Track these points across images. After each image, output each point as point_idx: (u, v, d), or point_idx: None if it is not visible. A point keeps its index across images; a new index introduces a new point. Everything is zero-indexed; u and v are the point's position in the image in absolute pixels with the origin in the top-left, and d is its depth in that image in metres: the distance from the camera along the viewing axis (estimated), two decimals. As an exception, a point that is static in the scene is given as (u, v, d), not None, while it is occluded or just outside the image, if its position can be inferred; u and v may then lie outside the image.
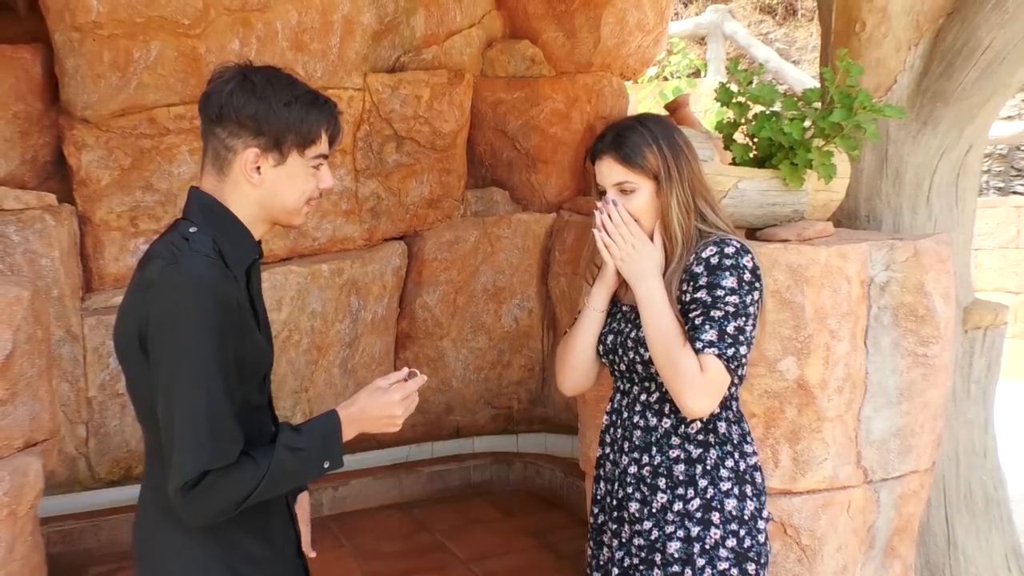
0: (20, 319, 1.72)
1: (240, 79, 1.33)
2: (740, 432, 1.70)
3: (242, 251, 1.36)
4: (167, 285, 1.24)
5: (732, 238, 1.63)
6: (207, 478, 1.23)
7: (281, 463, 1.28)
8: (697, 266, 1.59)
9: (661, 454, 1.65)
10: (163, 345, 1.23)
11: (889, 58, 2.63)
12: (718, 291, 1.56)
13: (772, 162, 2.34)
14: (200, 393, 1.22)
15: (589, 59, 4.26)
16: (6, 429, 1.69)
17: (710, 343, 1.54)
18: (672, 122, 1.77)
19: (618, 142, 1.65)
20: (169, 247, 1.29)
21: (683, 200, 1.63)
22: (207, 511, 1.25)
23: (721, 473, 1.63)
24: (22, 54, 3.28)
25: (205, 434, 1.22)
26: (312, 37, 3.58)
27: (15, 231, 3.22)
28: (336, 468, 1.35)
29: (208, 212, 1.35)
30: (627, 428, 1.71)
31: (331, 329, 3.82)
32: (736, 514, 1.62)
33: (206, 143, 1.37)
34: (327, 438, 1.34)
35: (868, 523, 2.37)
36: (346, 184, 3.85)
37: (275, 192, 1.35)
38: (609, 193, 1.66)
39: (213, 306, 1.24)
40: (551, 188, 4.29)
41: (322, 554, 3.22)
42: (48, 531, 3.14)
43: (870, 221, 2.74)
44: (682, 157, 1.65)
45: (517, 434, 4.22)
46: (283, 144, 1.33)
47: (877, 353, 2.32)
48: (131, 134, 3.39)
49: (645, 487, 1.65)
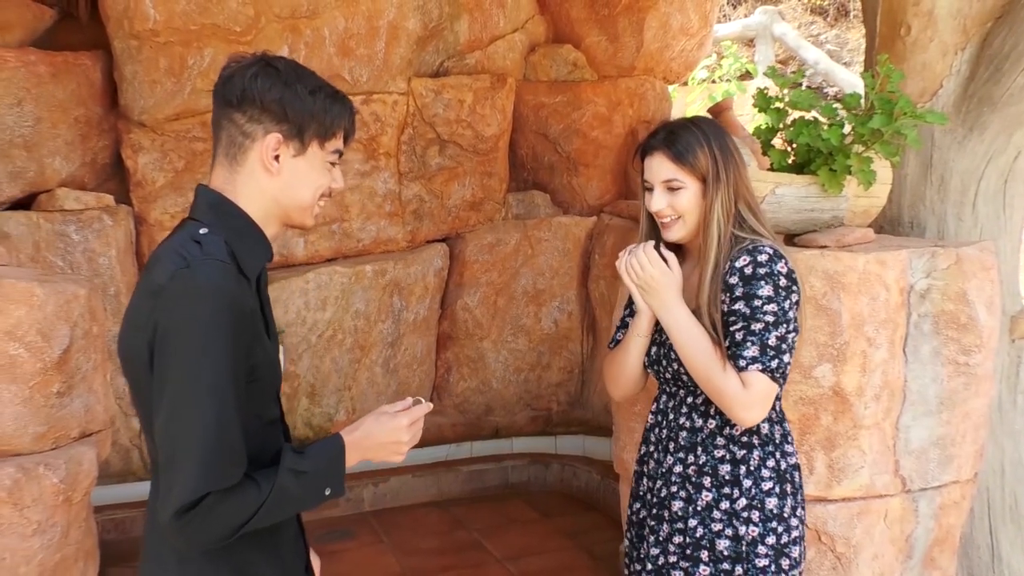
0: (77, 315, 1.81)
1: (263, 64, 1.25)
2: (782, 432, 1.72)
3: (255, 251, 1.27)
4: (179, 292, 1.15)
5: (765, 244, 1.63)
6: (205, 501, 1.12)
7: (284, 487, 1.19)
8: (731, 276, 1.60)
9: (706, 454, 1.67)
10: (173, 355, 1.14)
11: (935, 62, 2.59)
12: (755, 301, 1.56)
13: (811, 168, 2.33)
14: (211, 409, 1.13)
15: (632, 63, 4.27)
16: (63, 420, 1.78)
17: (753, 359, 1.55)
18: (723, 127, 1.78)
19: (671, 139, 1.66)
20: (179, 250, 1.19)
21: (726, 204, 1.64)
22: (202, 537, 1.15)
23: (763, 473, 1.65)
24: (83, 61, 3.42)
25: (211, 453, 1.13)
26: (358, 43, 3.66)
27: (75, 230, 3.36)
28: (337, 495, 1.25)
29: (219, 211, 1.26)
30: (672, 428, 1.73)
31: (374, 329, 3.90)
32: (776, 512, 1.64)
33: (219, 131, 1.27)
34: (331, 462, 1.24)
35: (906, 533, 2.34)
36: (390, 186, 3.93)
37: (291, 184, 1.27)
38: (656, 189, 1.67)
39: (228, 316, 1.15)
40: (592, 191, 4.31)
41: (362, 548, 3.32)
42: (102, 519, 3.26)
43: (914, 228, 2.70)
44: (731, 162, 1.66)
45: (555, 436, 4.24)
46: (305, 133, 1.25)
47: (916, 361, 2.29)
48: (184, 137, 3.51)
49: (690, 485, 1.67)
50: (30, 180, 3.35)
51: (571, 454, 4.13)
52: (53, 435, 1.76)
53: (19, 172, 3.31)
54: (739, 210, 1.66)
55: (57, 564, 1.71)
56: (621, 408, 2.61)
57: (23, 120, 3.27)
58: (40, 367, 1.72)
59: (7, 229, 3.26)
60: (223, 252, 1.20)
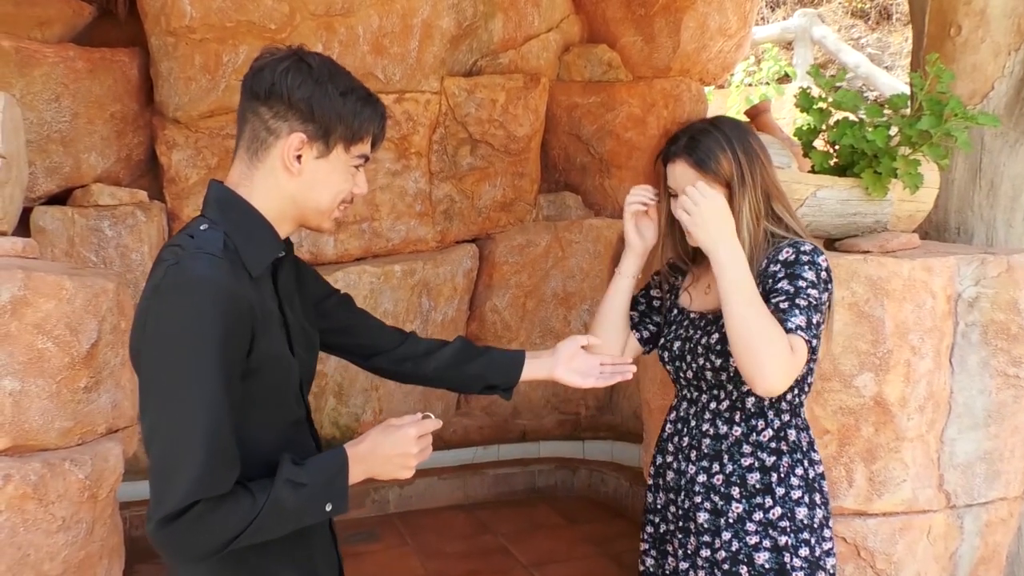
0: (105, 310, 1.80)
1: (296, 59, 1.20)
2: (808, 439, 1.66)
3: (262, 247, 1.21)
4: (167, 288, 1.11)
5: (805, 240, 1.59)
6: (195, 509, 1.05)
7: (279, 500, 1.11)
8: (773, 266, 1.55)
9: (733, 463, 1.61)
10: (158, 353, 1.09)
11: (986, 63, 2.51)
12: (800, 282, 1.51)
13: (854, 170, 2.26)
14: (199, 410, 1.07)
15: (668, 64, 4.21)
16: (89, 415, 1.77)
17: (799, 327, 1.49)
18: (747, 125, 1.72)
19: (692, 145, 1.60)
20: (174, 247, 1.16)
21: (755, 206, 1.59)
22: (188, 549, 1.09)
23: (792, 481, 1.60)
24: (120, 57, 3.45)
25: (200, 457, 1.06)
26: (392, 41, 3.65)
27: (108, 226, 3.38)
28: (339, 512, 1.18)
29: (224, 206, 1.21)
30: (694, 436, 1.67)
31: (402, 329, 3.87)
32: (807, 522, 1.58)
33: (243, 124, 1.23)
34: (332, 476, 1.17)
35: (950, 550, 2.26)
36: (420, 186, 3.90)
37: (311, 186, 1.22)
38: (681, 197, 1.61)
39: (215, 309, 1.09)
40: (624, 193, 4.21)
41: (387, 551, 3.29)
42: (130, 515, 3.27)
43: (960, 234, 2.61)
44: (756, 162, 1.61)
45: (583, 441, 4.18)
46: (331, 135, 1.20)
47: (963, 372, 2.21)
48: (218, 134, 3.52)
49: (717, 496, 1.61)
50: (66, 175, 3.38)
51: (599, 460, 4.07)
52: (79, 431, 1.76)
53: (55, 167, 3.34)
54: (773, 208, 1.61)
55: (82, 561, 1.70)
56: (653, 414, 2.55)
57: (60, 115, 3.30)
58: (68, 361, 1.72)
59: (42, 224, 3.29)
60: (217, 246, 1.16)
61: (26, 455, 1.68)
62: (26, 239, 1.89)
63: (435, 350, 1.56)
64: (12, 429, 1.65)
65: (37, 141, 3.26)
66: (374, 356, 1.53)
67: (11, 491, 1.61)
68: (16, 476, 1.62)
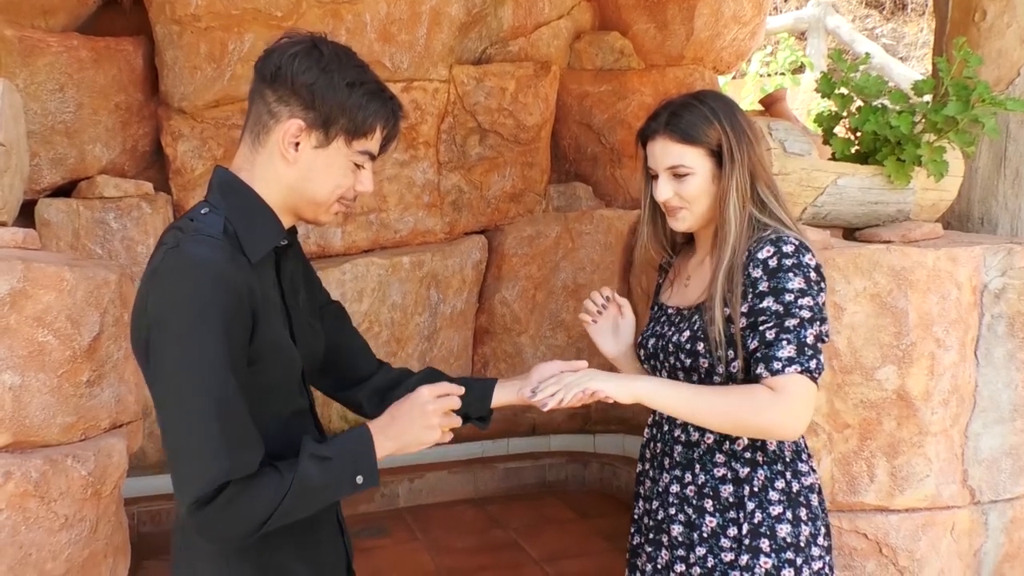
0: (107, 302, 1.76)
1: (309, 45, 1.18)
2: (794, 448, 1.51)
3: (262, 233, 1.18)
4: (165, 271, 1.10)
5: (789, 234, 1.44)
6: (224, 492, 1.06)
7: (307, 476, 1.11)
8: (754, 269, 1.41)
9: (705, 472, 1.50)
10: (161, 338, 1.08)
11: (1012, 49, 2.43)
12: (786, 296, 1.38)
13: (876, 158, 2.19)
14: (208, 393, 1.06)
15: (681, 52, 4.14)
16: (92, 410, 1.73)
17: (790, 360, 1.36)
18: (733, 100, 1.58)
19: (674, 120, 1.47)
20: (174, 231, 1.15)
21: (742, 186, 1.46)
22: (225, 532, 1.09)
23: (771, 495, 1.46)
24: (125, 46, 3.40)
25: (218, 440, 1.05)
26: (400, 28, 3.59)
27: (114, 218, 3.34)
28: (370, 485, 1.17)
29: (226, 191, 1.19)
30: (667, 443, 1.56)
31: (410, 322, 3.83)
32: (791, 541, 1.45)
33: (251, 105, 1.21)
34: (357, 449, 1.17)
35: (974, 547, 2.20)
36: (428, 177, 3.85)
37: (308, 177, 1.19)
38: (661, 177, 1.50)
39: (214, 292, 1.07)
40: (636, 184, 4.17)
41: (397, 546, 3.25)
42: (138, 510, 3.25)
43: (984, 224, 2.55)
44: (744, 138, 1.47)
45: (594, 434, 4.14)
46: (331, 126, 1.17)
47: (989, 365, 2.15)
48: (224, 125, 3.47)
49: (690, 508, 1.50)
50: (70, 167, 3.34)
51: (610, 453, 4.02)
52: (82, 426, 1.71)
53: (60, 159, 3.30)
54: (758, 191, 1.48)
55: (86, 560, 1.66)
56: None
57: (64, 106, 3.26)
58: (69, 355, 1.67)
59: (47, 216, 3.26)
60: (216, 229, 1.14)
61: (27, 451, 1.63)
62: (27, 230, 1.84)
63: (405, 378, 1.48)
64: (12, 425, 1.61)
65: (41, 132, 3.22)
66: (350, 388, 1.47)
67: (12, 489, 1.56)
68: (17, 473, 1.57)
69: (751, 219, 1.48)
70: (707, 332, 1.46)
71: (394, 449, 1.20)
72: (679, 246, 1.71)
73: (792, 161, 2.16)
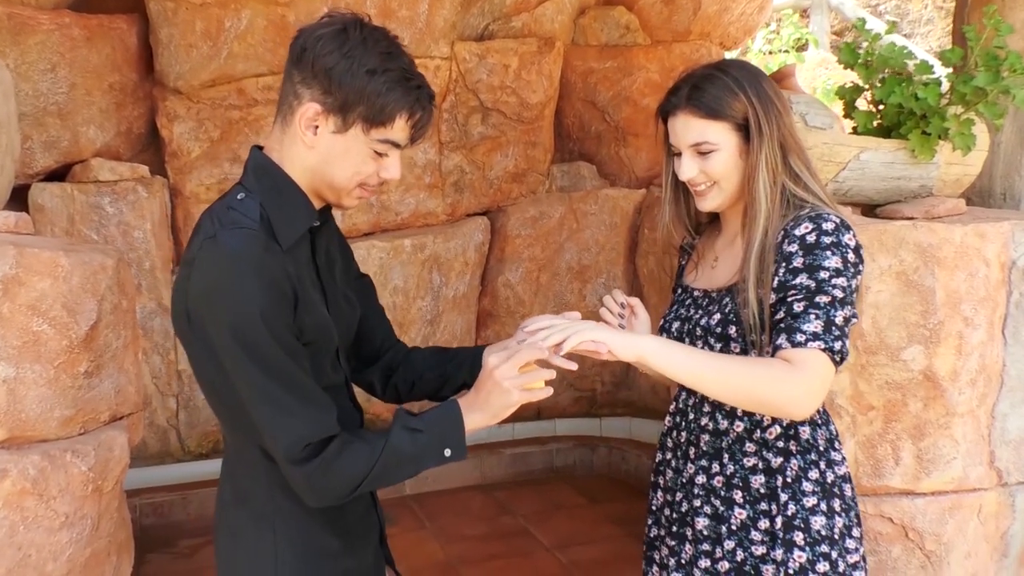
0: (105, 288, 1.68)
1: (339, 28, 1.17)
2: (827, 436, 1.45)
3: (294, 217, 1.21)
4: (204, 262, 1.15)
5: (829, 212, 1.36)
6: (326, 451, 1.15)
7: (397, 445, 1.18)
8: (789, 244, 1.33)
9: (734, 462, 1.42)
10: (211, 326, 1.14)
11: (1036, 16, 2.35)
12: (821, 273, 1.30)
13: (900, 131, 2.12)
14: (266, 369, 1.13)
15: (687, 27, 4.04)
16: (91, 402, 1.65)
17: (814, 335, 1.28)
18: (758, 68, 1.48)
19: (696, 94, 1.38)
20: (212, 219, 1.19)
21: (771, 161, 1.37)
22: (325, 490, 1.18)
23: (804, 487, 1.40)
24: (118, 24, 3.29)
25: (292, 404, 1.14)
26: (400, 3, 3.49)
27: (109, 202, 3.26)
28: (458, 458, 1.24)
29: (261, 174, 1.22)
30: (693, 431, 1.49)
31: (413, 306, 3.76)
32: (825, 533, 1.39)
33: (283, 85, 1.23)
34: (447, 423, 1.22)
35: (1001, 530, 2.15)
36: (430, 157, 3.77)
37: (327, 161, 1.20)
38: (685, 154, 1.41)
39: (253, 282, 1.12)
40: (641, 163, 4.10)
41: (404, 535, 3.19)
42: (140, 503, 3.19)
43: (1007, 199, 2.48)
44: (772, 109, 1.38)
45: (600, 418, 4.08)
46: (349, 112, 1.17)
47: (1016, 344, 2.09)
48: (220, 105, 3.38)
49: (717, 500, 1.43)
50: (64, 150, 3.25)
51: (617, 437, 3.97)
52: (81, 419, 1.64)
53: (53, 141, 3.21)
54: (790, 164, 1.39)
55: (88, 559, 1.59)
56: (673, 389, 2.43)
57: (57, 87, 3.16)
58: (66, 344, 1.59)
59: (41, 201, 3.17)
60: (253, 219, 1.17)
61: (24, 447, 1.56)
62: (19, 213, 1.76)
63: (412, 356, 1.52)
64: (7, 419, 1.53)
65: (33, 114, 3.13)
66: (368, 366, 1.50)
67: (8, 487, 1.49)
68: (13, 470, 1.50)
69: (784, 193, 1.40)
70: (740, 315, 1.38)
71: (483, 422, 1.25)
72: (703, 226, 1.64)
73: (813, 135, 2.09)
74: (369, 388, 1.51)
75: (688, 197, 1.54)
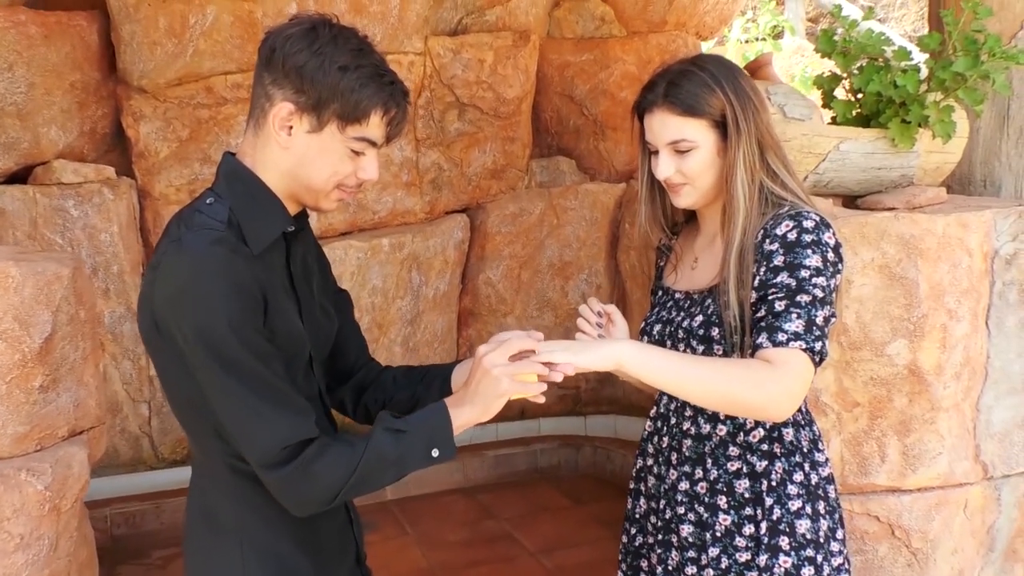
0: (60, 299, 1.60)
1: (307, 27, 1.16)
2: (810, 437, 1.43)
3: (267, 221, 1.18)
4: (169, 266, 1.12)
5: (809, 210, 1.34)
6: (304, 454, 1.11)
7: (380, 447, 1.14)
8: (770, 244, 1.31)
9: (718, 467, 1.40)
10: (178, 331, 1.11)
11: (1015, 1, 2.32)
12: (802, 272, 1.28)
13: (880, 120, 2.08)
14: (237, 374, 1.10)
15: (663, 17, 3.99)
16: (48, 418, 1.58)
17: (796, 335, 1.25)
18: (735, 64, 1.46)
19: (672, 91, 1.36)
20: (178, 223, 1.16)
21: (749, 158, 1.35)
22: (303, 495, 1.13)
23: (789, 490, 1.37)
24: (78, 21, 3.19)
25: (265, 408, 1.11)
26: (371, -1, 3.42)
27: (74, 205, 3.16)
28: (446, 458, 1.19)
29: (232, 179, 1.20)
30: (675, 436, 1.46)
31: (392, 306, 3.69)
32: (811, 537, 1.36)
33: (253, 89, 1.21)
34: (433, 423, 1.18)
35: (987, 524, 2.13)
36: (406, 154, 3.70)
37: (302, 162, 1.17)
38: (661, 152, 1.38)
39: (220, 285, 1.10)
40: (620, 156, 4.06)
41: (385, 541, 3.13)
42: (111, 512, 3.11)
43: (987, 186, 2.45)
44: (749, 105, 1.36)
45: (585, 416, 4.04)
46: (323, 110, 1.14)
47: (1000, 335, 2.06)
48: (188, 104, 3.29)
49: (701, 507, 1.40)
50: (25, 151, 3.15)
51: (602, 436, 3.93)
52: (36, 435, 1.57)
53: (12, 143, 3.11)
54: (768, 161, 1.37)
55: (46, 580, 1.52)
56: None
57: (15, 86, 3.06)
58: (19, 359, 1.52)
59: (2, 205, 3.07)
60: (221, 221, 1.15)
61: (-25, 466, 1.48)
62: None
63: (382, 376, 1.48)
64: (-43, 437, 1.46)
65: (-10, 116, 3.03)
66: (340, 384, 1.45)
67: (-41, 508, 1.42)
68: (-36, 491, 1.43)
69: (762, 191, 1.37)
70: (722, 317, 1.34)
71: (474, 417, 1.20)
72: (680, 225, 1.60)
73: (792, 127, 2.05)
74: (340, 407, 1.46)
75: (664, 196, 1.51)
